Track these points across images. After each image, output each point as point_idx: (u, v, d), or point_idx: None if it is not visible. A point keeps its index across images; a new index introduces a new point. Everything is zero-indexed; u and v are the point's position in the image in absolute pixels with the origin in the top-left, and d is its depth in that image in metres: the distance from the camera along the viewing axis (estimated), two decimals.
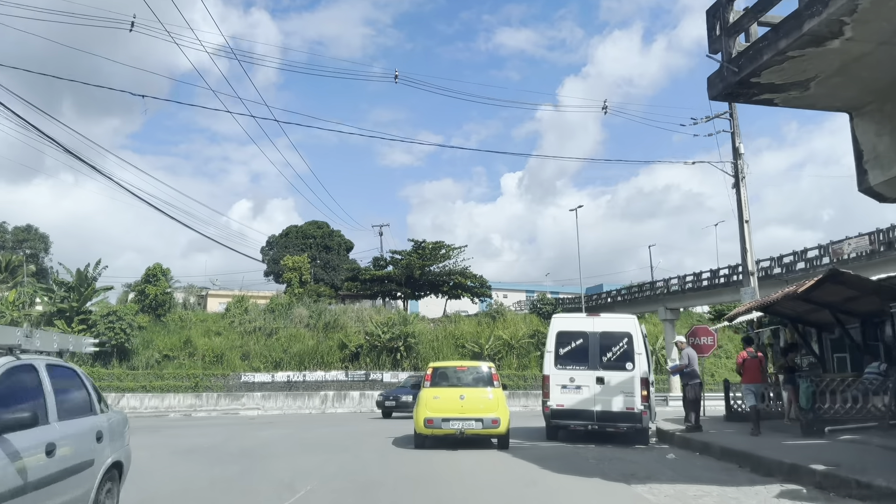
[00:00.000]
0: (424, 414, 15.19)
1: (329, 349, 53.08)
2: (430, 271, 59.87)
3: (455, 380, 16.19)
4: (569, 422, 17.36)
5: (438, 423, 14.98)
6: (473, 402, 15.33)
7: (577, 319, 18.44)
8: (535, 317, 60.47)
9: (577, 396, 17.24)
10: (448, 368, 16.77)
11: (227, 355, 51.73)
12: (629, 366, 17.19)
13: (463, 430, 14.99)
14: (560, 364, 17.58)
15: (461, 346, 55.73)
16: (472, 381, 16.18)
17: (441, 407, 15.24)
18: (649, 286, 49.08)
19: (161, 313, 53.71)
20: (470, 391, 15.70)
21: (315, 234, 66.50)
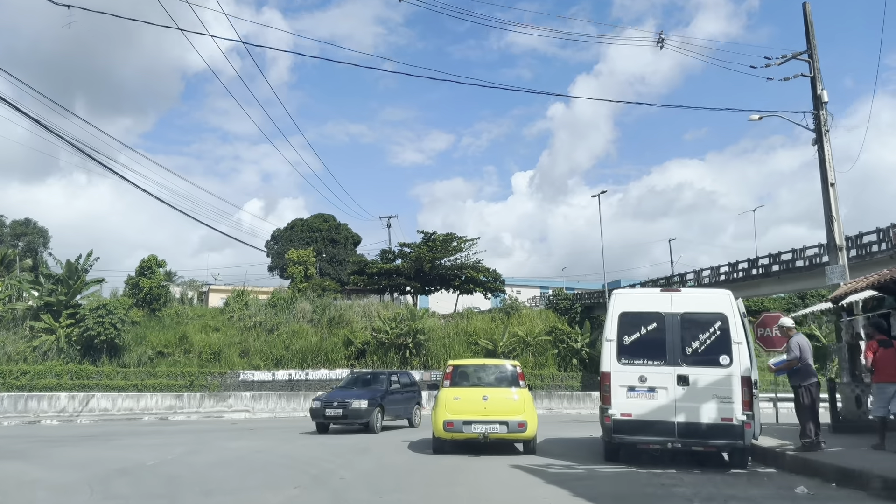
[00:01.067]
0: (444, 416, 13.47)
1: (334, 346, 47.94)
2: (441, 265, 54.61)
3: (477, 379, 14.38)
4: (638, 438, 12.13)
5: (459, 426, 13.32)
6: (498, 404, 13.65)
7: (648, 297, 13.13)
8: (551, 313, 55.12)
9: (651, 403, 12.07)
10: (469, 367, 14.97)
11: (225, 352, 46.64)
12: (724, 359, 11.97)
13: (486, 434, 13.35)
14: (625, 358, 12.38)
15: (474, 343, 50.45)
16: (495, 381, 14.38)
17: (462, 409, 13.52)
18: (694, 276, 43.49)
19: (156, 308, 48.64)
20: (493, 391, 13.94)
21: (321, 227, 61.40)
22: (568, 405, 32.45)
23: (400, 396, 22.30)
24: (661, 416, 11.93)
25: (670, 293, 12.79)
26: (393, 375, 22.83)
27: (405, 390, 22.85)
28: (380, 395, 20.72)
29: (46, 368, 43.51)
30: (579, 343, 51.38)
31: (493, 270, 55.64)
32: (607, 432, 12.28)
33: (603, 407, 12.33)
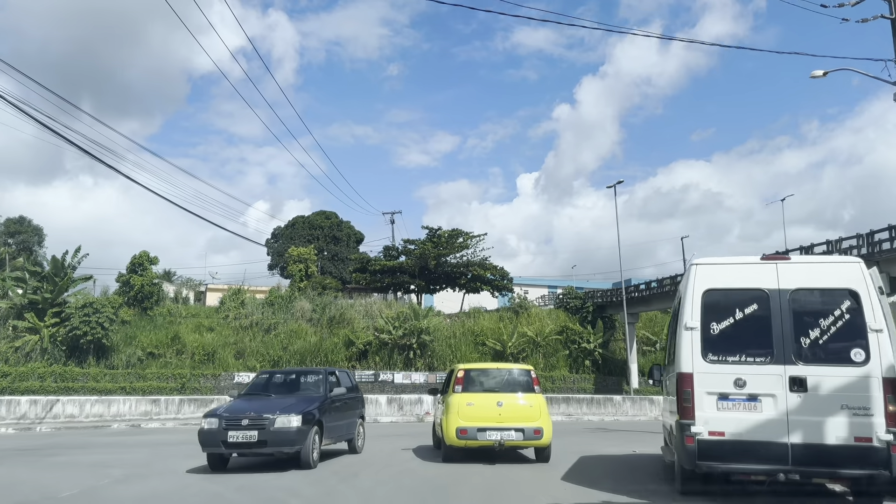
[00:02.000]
0: (457, 423, 12.36)
1: (334, 346, 44.15)
2: (447, 262, 50.78)
3: (491, 384, 13.08)
4: (735, 466, 8.30)
5: (473, 433, 12.25)
6: (513, 410, 12.60)
7: (744, 268, 9.11)
8: (561, 312, 51.21)
9: (752, 416, 8.32)
10: (482, 371, 13.53)
11: (219, 353, 42.89)
12: (858, 354, 8.19)
13: (502, 442, 12.39)
14: (715, 353, 8.58)
15: (481, 343, 46.60)
16: (509, 386, 13.06)
17: (476, 415, 12.41)
18: None
19: (148, 306, 44.89)
20: (508, 397, 12.79)
21: (323, 224, 57.64)
22: (588, 410, 28.61)
23: (342, 408, 14.03)
24: (768, 434, 8.13)
25: (776, 263, 8.91)
26: (332, 376, 14.47)
27: (348, 399, 14.37)
28: (317, 407, 12.50)
29: (29, 370, 39.75)
30: (592, 343, 47.49)
31: (500, 268, 51.81)
32: (688, 457, 8.43)
33: (682, 422, 8.48)
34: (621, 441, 17.35)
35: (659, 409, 30.01)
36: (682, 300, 9.06)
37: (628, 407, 29.16)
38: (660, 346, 49.82)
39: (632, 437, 19.08)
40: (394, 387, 43.31)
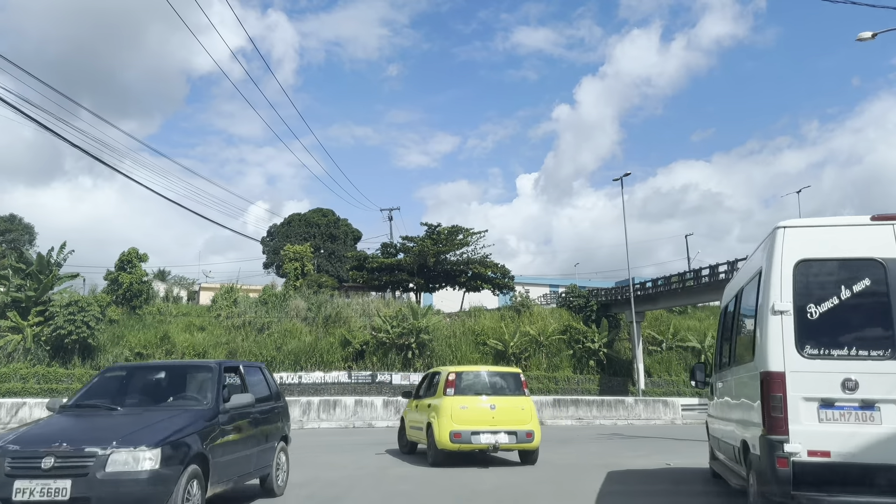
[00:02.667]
0: (450, 427, 11.71)
1: (330, 346, 41.90)
2: (446, 260, 48.48)
3: (482, 387, 12.55)
4: (847, 498, 5.97)
5: (468, 436, 11.68)
6: (505, 413, 12.08)
7: (849, 231, 6.72)
8: (564, 311, 48.91)
9: (868, 430, 5.99)
10: (473, 374, 12.99)
11: (210, 353, 40.56)
12: None
13: (497, 445, 11.84)
14: (814, 344, 6.26)
15: (482, 343, 44.34)
16: (501, 389, 12.59)
17: (470, 418, 11.84)
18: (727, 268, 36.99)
19: (137, 305, 42.58)
20: (500, 400, 12.29)
21: (319, 222, 55.32)
22: (598, 413, 26.30)
23: (249, 428, 8.34)
24: (891, 455, 5.86)
25: (892, 224, 6.58)
26: (232, 374, 8.75)
27: (260, 413, 8.76)
28: (196, 431, 7.07)
29: (11, 371, 37.42)
30: (596, 343, 45.21)
31: (501, 266, 49.51)
32: (779, 485, 6.12)
33: (771, 439, 6.15)
34: (645, 449, 15.10)
35: (673, 412, 27.75)
36: (762, 276, 6.75)
37: (641, 410, 26.90)
38: (666, 345, 47.60)
39: (655, 444, 16.81)
40: (391, 388, 41.00)
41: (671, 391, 44.68)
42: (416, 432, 13.42)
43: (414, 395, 14.20)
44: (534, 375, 43.52)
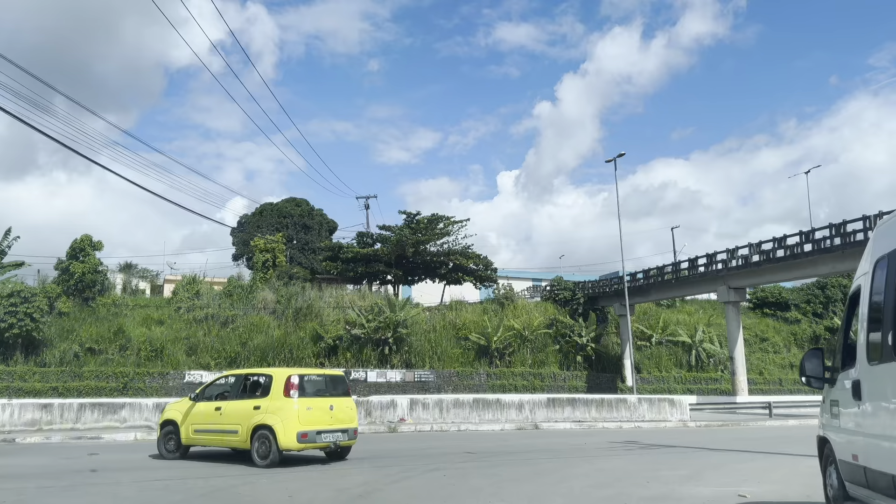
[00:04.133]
0: (297, 427, 11.52)
1: (300, 342, 37.48)
2: (426, 250, 44.24)
3: (322, 389, 12.68)
4: None
5: (314, 436, 11.67)
6: (342, 413, 12.41)
7: None
8: (550, 304, 44.89)
9: None
10: (316, 376, 13.20)
11: (168, 349, 36.04)
12: None
13: (338, 443, 12.17)
14: None
15: (463, 337, 40.17)
16: (335, 390, 12.80)
17: (315, 419, 11.84)
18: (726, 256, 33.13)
19: (90, 297, 37.84)
20: (337, 401, 12.47)
21: (293, 212, 50.79)
22: (598, 415, 22.27)
23: None
24: None
25: None
26: None
27: None
28: None
29: None
30: (584, 337, 41.25)
31: (484, 257, 45.35)
32: None
33: None
34: (687, 467, 11.08)
35: (680, 412, 23.79)
36: None
37: (645, 410, 22.95)
38: (655, 340, 43.77)
39: (692, 458, 12.80)
40: (367, 386, 36.72)
41: (661, 388, 40.89)
42: (207, 436, 12.56)
43: (198, 397, 12.95)
44: (518, 372, 39.48)
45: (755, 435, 18.49)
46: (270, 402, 11.70)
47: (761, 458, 12.22)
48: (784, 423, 22.97)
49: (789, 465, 11.39)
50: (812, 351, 6.76)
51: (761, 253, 32.03)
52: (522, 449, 14.21)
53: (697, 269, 35.73)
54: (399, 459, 12.25)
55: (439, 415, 20.56)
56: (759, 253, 32.09)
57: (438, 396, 21.70)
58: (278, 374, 12.13)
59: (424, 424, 19.54)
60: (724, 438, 17.02)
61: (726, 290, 34.10)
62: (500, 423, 20.66)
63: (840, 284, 50.19)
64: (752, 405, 26.88)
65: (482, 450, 13.80)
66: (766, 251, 31.87)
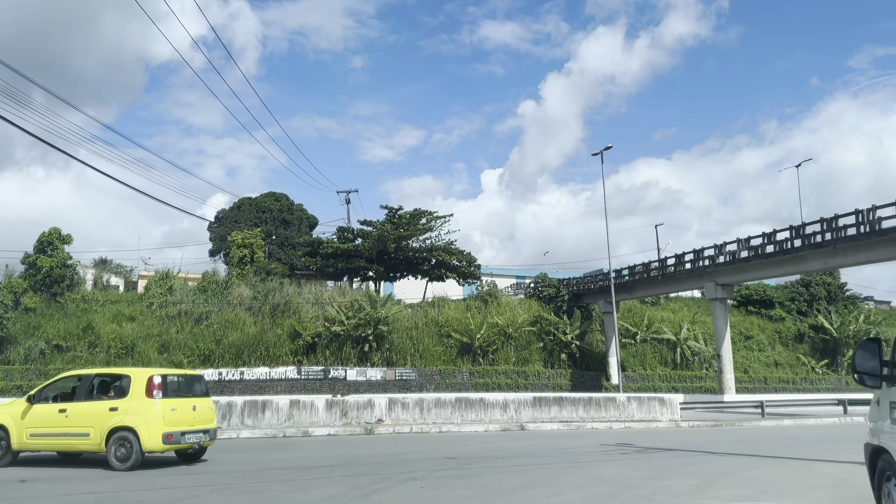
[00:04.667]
0: (162, 429, 11.04)
1: (277, 339, 35.98)
2: (408, 246, 42.86)
3: (184, 389, 12.13)
4: None
5: (178, 437, 11.29)
6: (203, 413, 12.12)
7: None
8: (534, 301, 43.70)
9: None
10: (178, 377, 12.45)
11: (139, 346, 34.44)
12: None
13: (201, 443, 11.96)
14: None
15: (446, 335, 38.86)
16: (196, 391, 12.34)
17: (179, 420, 11.43)
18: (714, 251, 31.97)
19: (58, 292, 36.10)
20: (198, 401, 12.11)
21: (272, 207, 49.16)
22: (586, 414, 21.05)
23: None
24: None
25: None
26: None
27: None
28: None
29: None
30: (569, 335, 40.12)
31: (467, 253, 44.04)
32: None
33: None
34: (695, 476, 9.82)
35: (671, 411, 22.61)
36: None
37: (634, 409, 21.77)
38: (640, 338, 42.71)
39: (697, 464, 11.58)
40: (346, 385, 35.29)
41: (646, 386, 39.85)
42: (49, 440, 11.55)
43: (35, 398, 11.81)
44: (502, 370, 38.21)
45: (753, 436, 17.34)
46: (130, 403, 11.10)
47: (770, 464, 11.02)
48: (779, 424, 21.87)
49: (804, 471, 10.19)
50: (866, 342, 5.50)
51: (750, 248, 31.00)
52: (509, 453, 12.92)
53: (684, 266, 34.68)
54: (373, 467, 10.89)
55: (420, 415, 19.22)
56: (748, 248, 31.06)
57: (419, 396, 20.35)
58: (138, 375, 11.51)
59: (404, 426, 18.19)
60: (721, 440, 15.85)
61: (713, 287, 33.06)
62: (484, 423, 19.37)
63: (824, 282, 49.46)
64: (744, 404, 25.79)
65: (465, 455, 12.49)
66: (755, 247, 30.84)
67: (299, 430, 16.95)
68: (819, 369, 44.09)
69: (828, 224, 27.57)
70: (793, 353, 45.73)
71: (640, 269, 38.51)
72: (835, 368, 44.84)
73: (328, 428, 17.39)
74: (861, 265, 27.27)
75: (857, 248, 26.82)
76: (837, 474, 9.74)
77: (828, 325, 45.48)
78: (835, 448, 13.36)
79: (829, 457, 11.68)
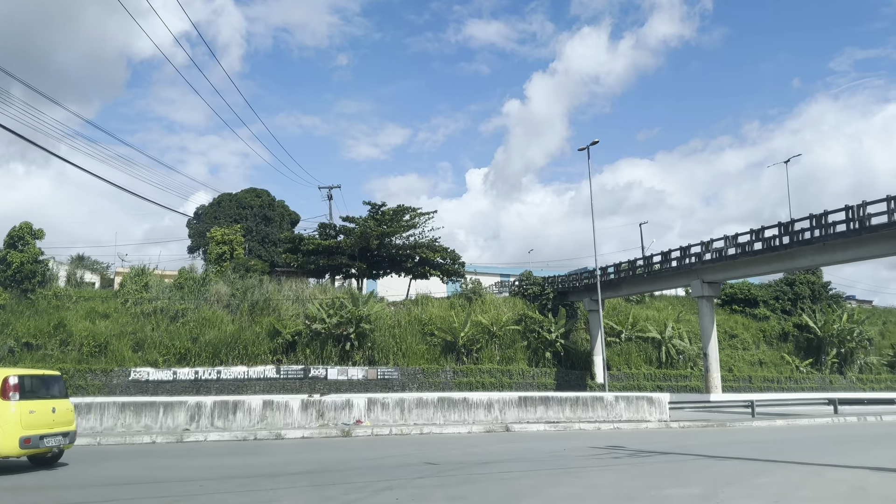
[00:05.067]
0: (20, 432, 10.39)
1: (256, 337, 34.79)
2: (391, 243, 41.81)
3: (44, 390, 11.46)
4: None
5: (37, 441, 10.65)
6: (63, 415, 11.50)
7: None
8: (519, 299, 42.82)
9: None
10: (36, 377, 11.55)
11: (113, 344, 33.12)
12: None
13: (61, 447, 11.37)
14: None
15: (429, 333, 37.88)
16: (55, 392, 11.70)
17: (38, 422, 10.79)
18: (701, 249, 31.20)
19: (29, 288, 34.67)
20: (58, 403, 11.53)
21: (253, 203, 47.86)
22: (572, 414, 20.16)
23: None
24: None
25: None
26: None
27: None
28: None
29: None
30: (553, 333, 39.26)
31: (451, 251, 43.06)
32: None
33: None
34: (698, 484, 8.92)
35: (660, 411, 21.78)
36: None
37: (622, 409, 20.91)
38: (625, 336, 41.93)
39: (691, 466, 10.71)
40: (327, 384, 34.20)
41: (631, 385, 39.10)
42: None
43: None
44: (486, 369, 37.27)
45: (748, 438, 16.51)
46: None
47: (776, 470, 10.14)
48: (772, 424, 21.09)
49: (814, 478, 9.31)
50: None
51: (737, 245, 30.29)
52: (494, 458, 11.95)
53: (671, 263, 33.93)
54: (345, 474, 9.87)
55: (400, 416, 18.21)
56: (736, 246, 30.34)
57: (400, 396, 19.33)
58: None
59: (383, 427, 17.16)
60: (716, 442, 15.00)
61: (700, 285, 32.34)
62: (468, 424, 18.40)
63: (808, 281, 49.00)
64: (734, 404, 25.06)
65: (447, 460, 11.51)
66: (743, 244, 30.14)
67: (271, 433, 15.88)
68: (803, 368, 43.58)
69: (817, 220, 26.89)
70: (777, 351, 45.21)
71: (625, 266, 37.74)
72: (819, 367, 44.36)
73: (303, 430, 16.33)
74: (850, 262, 26.62)
75: (847, 245, 26.18)
76: (852, 482, 8.88)
77: (812, 324, 45.01)
78: (839, 451, 12.56)
79: (837, 461, 10.84)
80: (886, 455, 11.90)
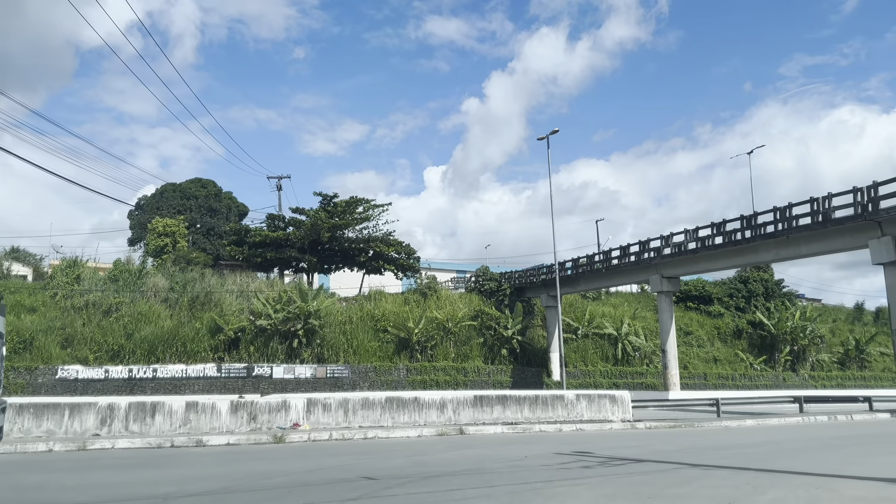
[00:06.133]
0: None
1: (196, 334, 32.27)
2: (344, 236, 39.64)
3: None
4: None
5: None
6: None
7: None
8: (475, 295, 41.11)
9: None
10: None
11: (39, 340, 30.21)
12: None
13: None
14: None
15: (383, 330, 35.87)
16: None
17: None
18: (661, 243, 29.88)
19: None
20: None
21: (198, 193, 45.06)
22: (531, 414, 18.43)
23: None
24: None
25: None
26: None
27: None
28: None
29: None
30: (510, 330, 37.69)
31: (406, 245, 41.13)
32: None
33: None
34: (680, 497, 7.21)
35: (623, 410, 20.23)
36: None
37: (584, 408, 19.31)
38: (581, 333, 40.60)
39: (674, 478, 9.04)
40: (272, 383, 31.88)
41: (588, 382, 37.78)
42: None
43: None
44: (441, 366, 35.43)
45: (723, 441, 15.00)
46: None
47: (776, 482, 8.48)
48: (742, 424, 19.71)
49: (828, 494, 7.64)
50: None
51: (698, 240, 29.10)
52: (444, 469, 10.05)
53: (629, 258, 32.61)
54: (258, 495, 7.83)
55: (343, 418, 16.19)
56: (696, 240, 29.16)
57: (343, 396, 17.32)
58: None
59: (323, 431, 15.12)
60: (690, 446, 13.41)
61: (659, 280, 31.08)
62: (419, 426, 16.48)
63: (762, 279, 48.54)
64: (697, 402, 23.74)
65: (389, 472, 9.56)
66: (703, 238, 28.95)
67: (191, 439, 13.68)
68: (757, 365, 42.94)
69: (781, 213, 25.80)
70: (731, 349, 44.51)
71: (584, 262, 36.33)
72: (772, 364, 43.78)
73: (230, 435, 14.16)
74: (814, 256, 25.61)
75: (811, 238, 25.14)
76: (873, 499, 7.25)
77: (766, 322, 44.42)
78: (835, 458, 11.09)
79: (839, 471, 9.27)
80: (889, 462, 10.44)
